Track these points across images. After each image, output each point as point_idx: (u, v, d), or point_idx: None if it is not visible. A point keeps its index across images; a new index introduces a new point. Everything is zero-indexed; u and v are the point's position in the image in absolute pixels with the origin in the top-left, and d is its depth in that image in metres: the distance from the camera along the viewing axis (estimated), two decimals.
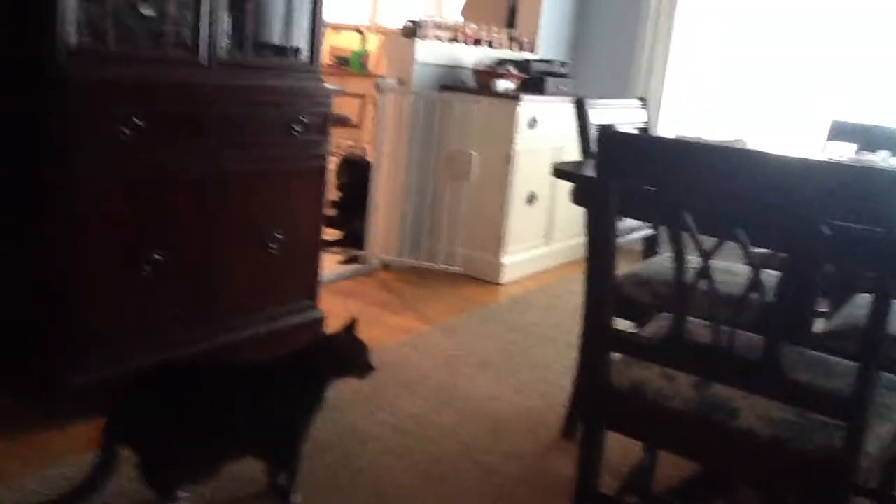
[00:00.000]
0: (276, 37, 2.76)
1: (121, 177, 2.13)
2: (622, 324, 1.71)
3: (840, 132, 3.04)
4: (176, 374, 1.85)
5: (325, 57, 5.15)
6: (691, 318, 1.47)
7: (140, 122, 2.12)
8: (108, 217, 2.13)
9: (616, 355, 1.57)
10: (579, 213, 2.23)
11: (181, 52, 2.28)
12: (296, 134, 2.59)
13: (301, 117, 2.60)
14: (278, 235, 2.63)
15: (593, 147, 2.34)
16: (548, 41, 4.69)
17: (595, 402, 1.57)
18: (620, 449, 2.27)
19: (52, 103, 2.02)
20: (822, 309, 2.50)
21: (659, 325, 1.74)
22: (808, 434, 1.37)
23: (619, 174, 1.42)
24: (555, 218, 4.29)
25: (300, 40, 2.68)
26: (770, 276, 1.47)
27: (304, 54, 2.69)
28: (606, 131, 1.41)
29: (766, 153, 1.27)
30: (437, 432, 2.35)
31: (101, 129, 2.05)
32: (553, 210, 4.26)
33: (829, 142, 3.02)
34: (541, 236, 4.25)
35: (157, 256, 2.26)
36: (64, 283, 2.09)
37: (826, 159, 2.19)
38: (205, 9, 2.29)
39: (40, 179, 2.11)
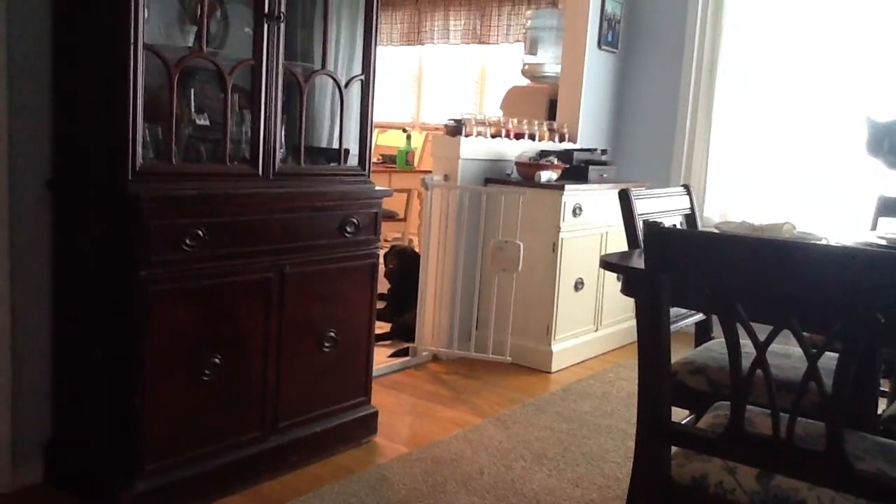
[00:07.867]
0: (327, 142, 2.90)
1: (184, 286, 2.22)
2: (678, 412, 1.70)
3: (887, 208, 3.04)
4: None
5: (372, 155, 5.33)
6: (750, 407, 1.47)
7: (202, 233, 2.23)
8: (173, 326, 2.20)
9: (675, 448, 1.56)
10: (627, 298, 2.25)
11: (240, 166, 2.41)
12: (348, 235, 2.69)
13: (353, 219, 2.69)
14: (332, 334, 2.69)
15: (640, 237, 2.37)
16: (588, 130, 4.79)
17: (655, 498, 1.56)
18: None
19: (121, 220, 2.13)
20: (883, 389, 2.45)
21: (716, 414, 1.73)
22: None
23: (667, 269, 1.44)
24: (603, 303, 4.29)
25: (351, 144, 2.80)
26: (827, 356, 1.46)
27: (355, 158, 2.81)
28: (652, 229, 1.44)
29: (811, 245, 1.30)
30: None
31: (166, 241, 2.15)
32: (600, 295, 4.27)
33: (882, 218, 3.02)
34: (589, 322, 4.24)
35: (216, 361, 2.32)
36: (130, 392, 2.16)
37: (880, 242, 2.19)
38: (262, 124, 2.42)
39: (109, 293, 2.21)
